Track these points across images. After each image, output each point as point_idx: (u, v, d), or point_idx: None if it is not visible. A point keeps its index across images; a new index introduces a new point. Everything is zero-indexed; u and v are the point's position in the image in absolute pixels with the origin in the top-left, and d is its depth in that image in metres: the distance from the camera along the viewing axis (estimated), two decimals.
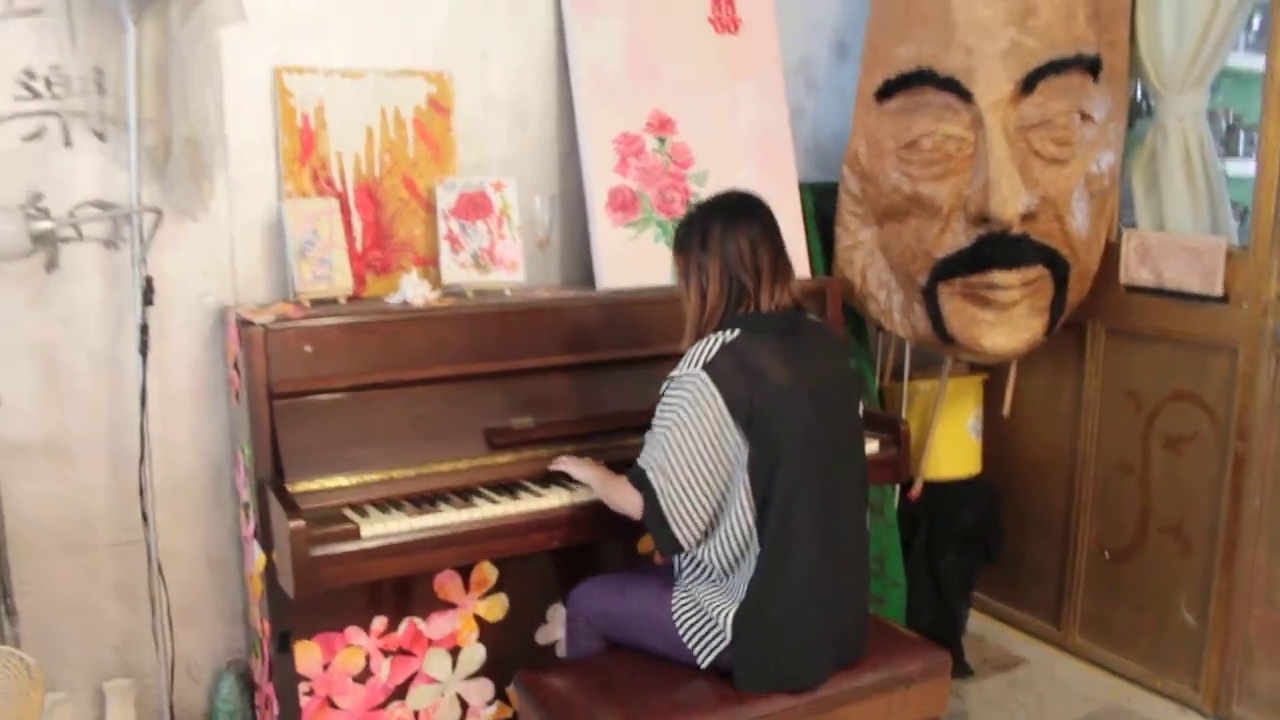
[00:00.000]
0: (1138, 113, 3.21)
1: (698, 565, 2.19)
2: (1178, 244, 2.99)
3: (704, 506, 2.08)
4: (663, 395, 2.12)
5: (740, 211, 2.19)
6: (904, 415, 3.33)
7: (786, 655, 2.08)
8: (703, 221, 2.19)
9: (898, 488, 3.32)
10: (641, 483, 2.12)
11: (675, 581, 2.24)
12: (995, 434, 3.47)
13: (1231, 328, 2.88)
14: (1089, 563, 3.34)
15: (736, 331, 2.09)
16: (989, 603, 3.65)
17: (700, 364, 2.05)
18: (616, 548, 2.73)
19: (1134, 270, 3.10)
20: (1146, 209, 3.15)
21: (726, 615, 2.09)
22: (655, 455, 2.10)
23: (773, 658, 2.08)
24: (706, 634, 2.11)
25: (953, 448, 3.35)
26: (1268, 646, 2.89)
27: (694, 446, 2.05)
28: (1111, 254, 3.13)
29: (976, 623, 3.58)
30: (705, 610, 2.13)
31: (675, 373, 2.11)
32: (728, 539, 2.10)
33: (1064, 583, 3.40)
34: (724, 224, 2.16)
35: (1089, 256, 3.03)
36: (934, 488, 3.33)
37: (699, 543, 2.13)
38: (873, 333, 3.37)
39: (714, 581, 2.16)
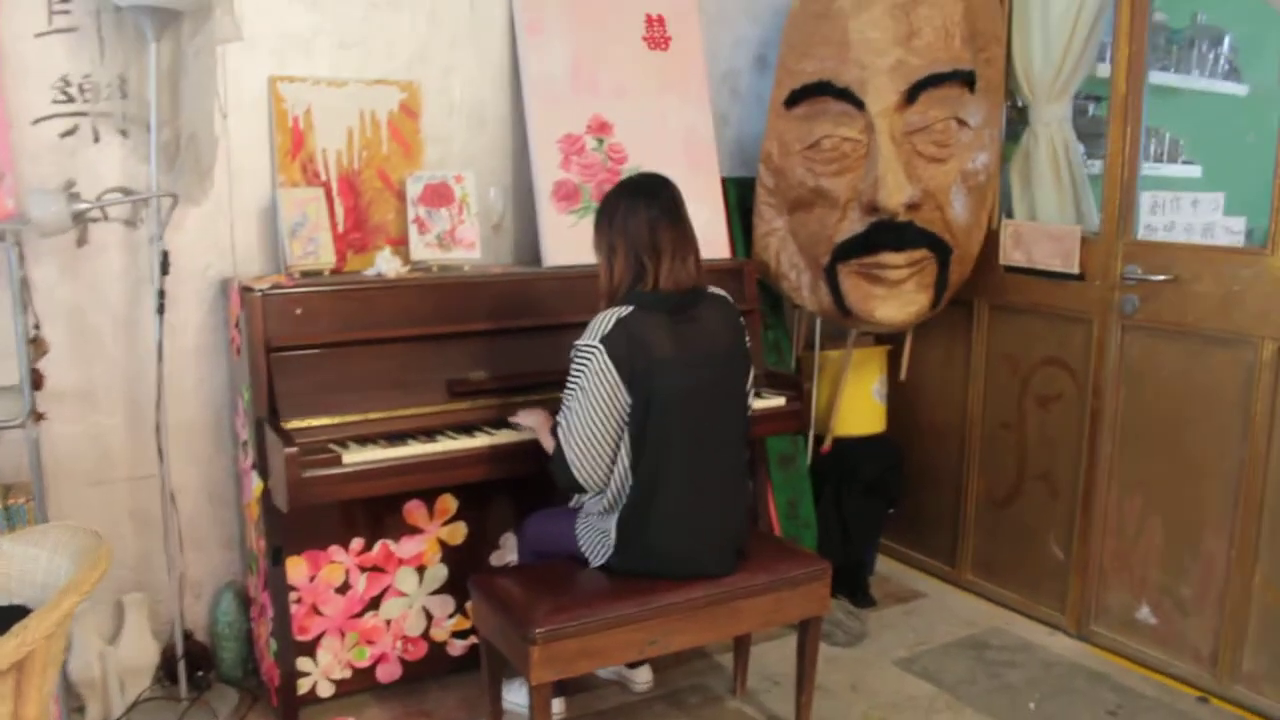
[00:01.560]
0: (1023, 120, 3.70)
1: (595, 499, 2.65)
2: (1044, 231, 3.48)
3: (602, 455, 2.53)
4: (571, 360, 2.53)
5: (641, 193, 2.57)
6: (815, 380, 3.81)
7: (658, 561, 2.57)
8: (612, 202, 2.60)
9: (811, 443, 3.80)
10: (556, 436, 2.58)
11: (580, 512, 2.71)
12: (899, 398, 3.96)
13: (1087, 302, 3.37)
14: (978, 508, 3.82)
15: (630, 308, 2.49)
16: (894, 547, 4.14)
17: (598, 337, 2.47)
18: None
19: (1010, 253, 3.59)
20: (1022, 201, 3.64)
21: (610, 533, 2.58)
22: (565, 418, 2.54)
23: (645, 561, 2.57)
24: (598, 545, 2.61)
25: (859, 409, 3.84)
26: (1118, 573, 3.37)
27: (592, 406, 2.49)
28: (993, 240, 3.62)
29: (884, 565, 4.07)
30: (597, 529, 2.62)
31: (579, 341, 2.51)
32: (615, 478, 2.56)
33: (957, 527, 3.88)
34: (628, 204, 2.56)
35: (969, 241, 3.51)
36: (842, 444, 3.82)
37: (603, 485, 2.58)
38: (788, 308, 3.85)
39: (603, 511, 2.63)
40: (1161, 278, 3.14)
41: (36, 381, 2.57)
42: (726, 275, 3.38)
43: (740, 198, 3.75)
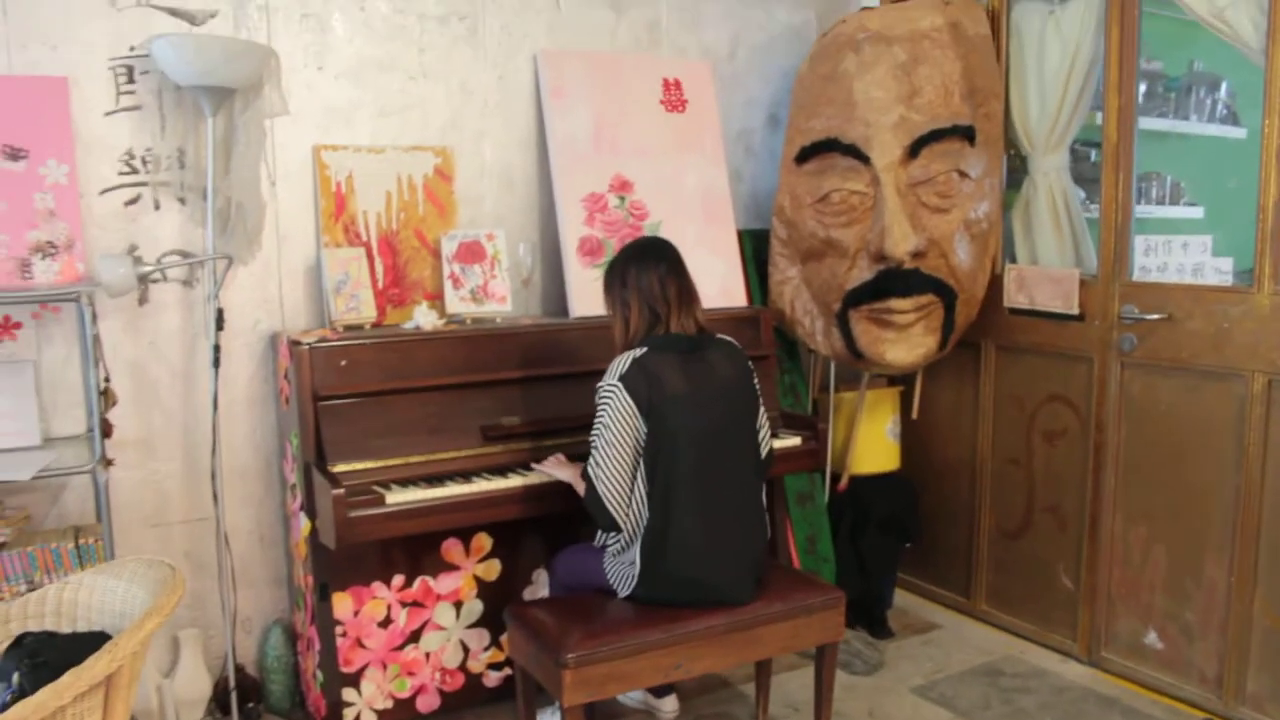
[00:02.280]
0: (1024, 170, 3.88)
1: (617, 535, 2.82)
2: (1045, 274, 3.66)
3: (628, 485, 2.72)
4: (596, 401, 2.75)
5: (650, 254, 2.84)
6: (831, 421, 3.99)
7: (677, 588, 2.74)
8: (622, 265, 2.84)
9: (828, 481, 3.97)
10: (587, 477, 2.77)
11: (606, 549, 2.88)
12: (912, 437, 4.13)
13: (1087, 341, 3.54)
14: (991, 542, 3.97)
15: (645, 349, 2.73)
16: (912, 580, 4.28)
17: (617, 376, 2.70)
18: (590, 525, 3.38)
19: (1014, 296, 3.76)
20: (1024, 246, 3.83)
21: (636, 563, 2.75)
22: (594, 455, 2.74)
23: (667, 588, 2.75)
24: (624, 576, 2.79)
25: (873, 448, 4.01)
26: (1126, 600, 3.51)
27: (617, 441, 2.69)
28: (997, 284, 3.80)
29: (902, 598, 4.22)
30: (623, 560, 2.80)
31: (601, 384, 2.73)
32: (633, 508, 2.74)
33: (971, 560, 4.03)
34: (638, 265, 2.81)
35: (973, 285, 3.70)
36: (858, 481, 3.99)
37: (626, 514, 2.76)
38: (803, 353, 4.04)
39: (625, 545, 2.80)
40: (1156, 316, 3.31)
41: (106, 430, 2.79)
42: (743, 323, 3.58)
43: (756, 249, 3.95)
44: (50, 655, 1.96)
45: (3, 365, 2.90)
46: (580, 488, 2.82)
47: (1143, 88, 4.19)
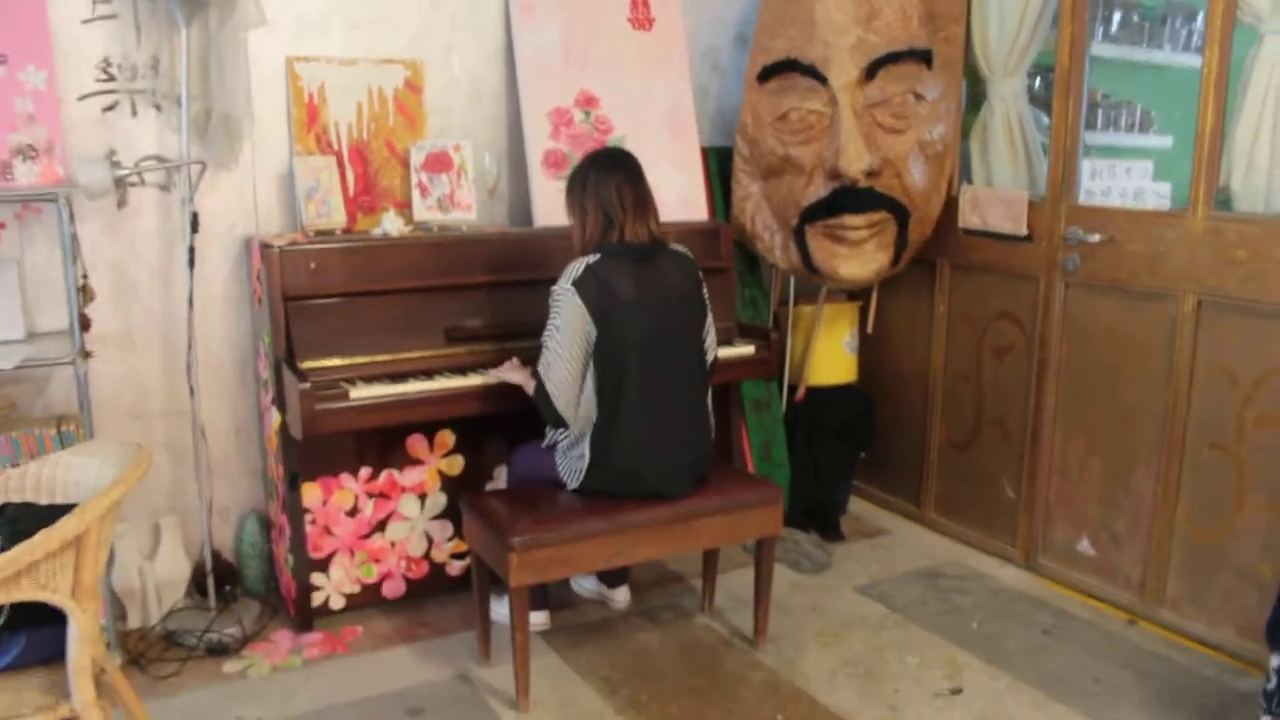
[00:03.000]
0: (983, 95, 3.98)
1: (565, 432, 3.00)
2: (997, 196, 3.78)
3: (576, 384, 2.89)
4: (550, 304, 2.90)
5: (609, 163, 2.97)
6: (790, 333, 4.15)
7: (621, 481, 2.92)
8: (584, 171, 2.98)
9: (785, 391, 4.13)
10: (537, 375, 2.94)
11: (555, 447, 3.06)
12: (868, 351, 4.29)
13: (1034, 261, 3.67)
14: (940, 453, 4.14)
15: (598, 256, 2.88)
16: (866, 489, 4.47)
17: (570, 280, 2.85)
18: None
19: (968, 217, 3.88)
20: (980, 169, 3.94)
21: (585, 456, 2.93)
22: (544, 354, 2.90)
23: (612, 481, 2.93)
24: (574, 470, 2.97)
25: (831, 360, 4.17)
26: (1062, 509, 3.68)
27: (567, 343, 2.85)
28: (953, 205, 3.92)
29: (856, 505, 4.41)
30: (572, 454, 2.97)
31: (555, 286, 2.88)
32: (583, 406, 2.91)
33: (922, 469, 4.20)
34: (597, 173, 2.94)
35: (927, 205, 3.82)
36: (816, 392, 4.15)
37: (575, 412, 2.93)
38: (764, 267, 4.17)
39: (574, 440, 2.98)
40: (1097, 238, 3.44)
41: (85, 324, 2.95)
42: (703, 235, 3.71)
43: (720, 165, 4.07)
44: (28, 523, 2.13)
45: None
46: (530, 387, 2.98)
47: (1118, 16, 4.27)
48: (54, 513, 2.15)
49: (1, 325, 3.02)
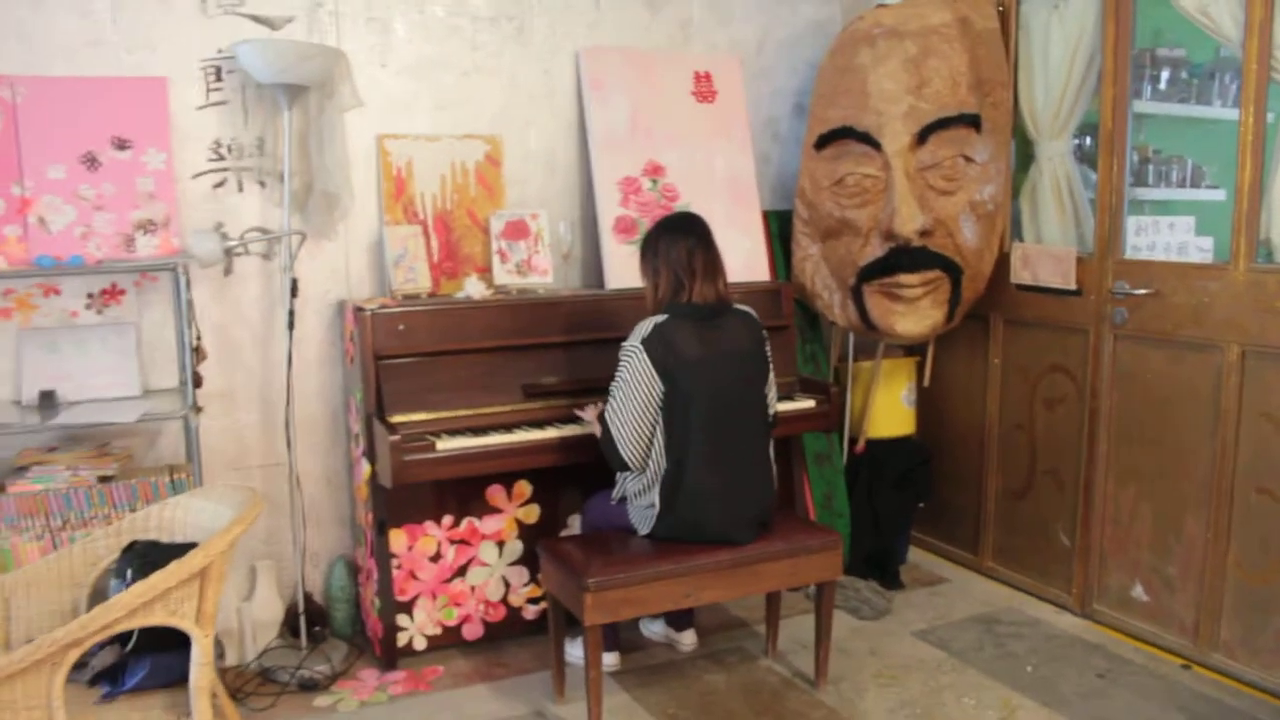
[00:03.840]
0: (1031, 155, 4.16)
1: (635, 480, 3.19)
2: (1047, 252, 3.94)
3: (641, 435, 3.09)
4: (619, 358, 3.11)
5: (680, 228, 3.19)
6: (850, 388, 4.32)
7: (689, 528, 3.11)
8: (656, 235, 3.20)
9: (845, 443, 4.30)
10: (603, 421, 3.15)
11: (624, 496, 3.26)
12: (926, 403, 4.44)
13: (1084, 314, 3.82)
14: (997, 502, 4.27)
15: (666, 316, 3.09)
16: (925, 539, 4.60)
17: (639, 339, 3.07)
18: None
19: (1019, 273, 4.05)
20: (1030, 226, 4.11)
21: (655, 505, 3.12)
22: (611, 404, 3.12)
23: (680, 528, 3.12)
24: (645, 517, 3.16)
25: (890, 413, 4.33)
26: (1115, 555, 3.79)
27: (633, 395, 3.06)
28: (1005, 262, 4.08)
29: (915, 554, 4.53)
30: (643, 503, 3.16)
31: (625, 343, 3.10)
32: (653, 458, 3.11)
33: (979, 519, 4.33)
34: (669, 237, 3.17)
35: (979, 262, 3.99)
36: (875, 444, 4.31)
37: (643, 464, 3.13)
38: (824, 324, 4.36)
39: (644, 489, 3.17)
40: (1144, 291, 3.58)
41: (198, 382, 3.23)
42: (765, 295, 3.92)
43: (781, 228, 4.29)
44: (155, 556, 2.39)
45: (110, 326, 3.36)
46: (598, 430, 3.19)
47: (1166, 74, 4.41)
48: (176, 549, 2.41)
49: (122, 383, 3.32)
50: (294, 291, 3.46)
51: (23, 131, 3.16)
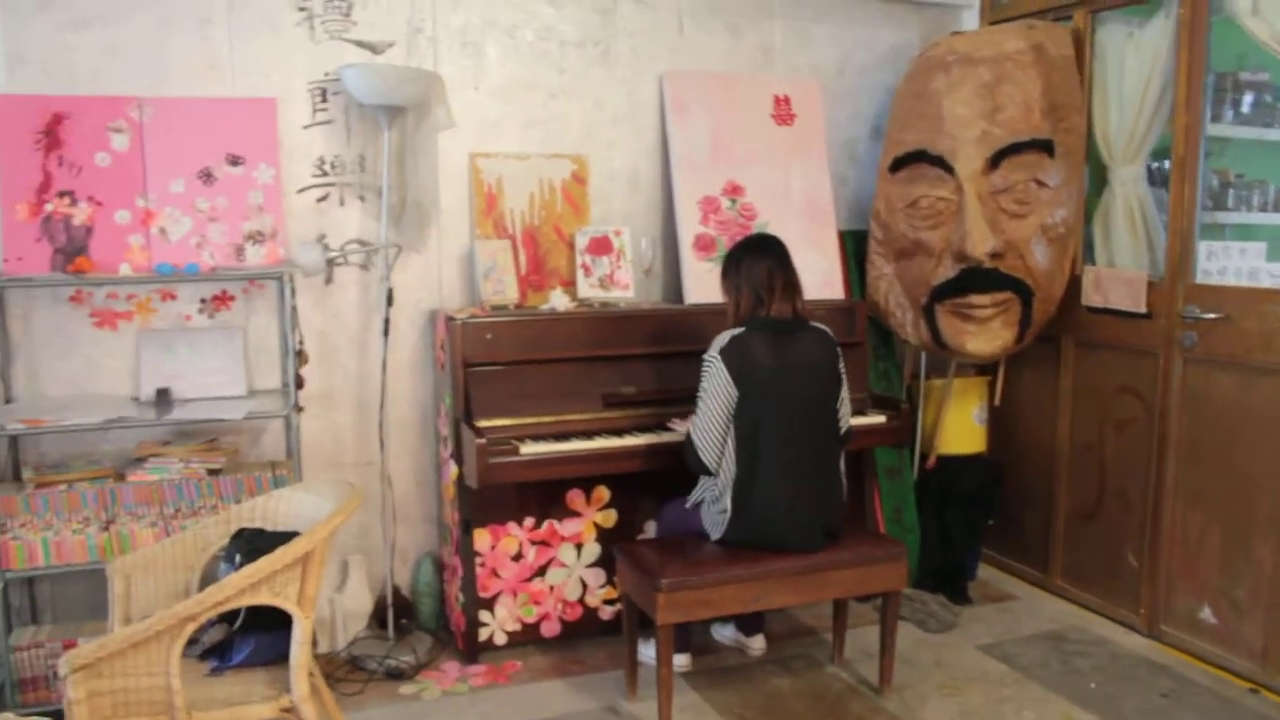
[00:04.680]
0: (1104, 180, 4.21)
1: (710, 486, 3.33)
2: (1118, 276, 4.00)
3: (716, 441, 3.23)
4: (701, 370, 3.26)
5: (760, 248, 3.34)
6: (922, 405, 4.41)
7: (759, 534, 3.23)
8: (738, 254, 3.36)
9: (916, 459, 4.39)
10: (688, 428, 3.30)
11: (700, 502, 3.40)
12: (999, 423, 4.51)
13: (1154, 337, 3.87)
14: (1066, 522, 4.32)
15: (743, 329, 3.24)
16: (995, 556, 4.65)
17: (717, 350, 3.22)
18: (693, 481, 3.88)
19: (1091, 296, 4.11)
20: (1103, 250, 4.16)
21: (727, 510, 3.25)
22: (696, 414, 3.27)
23: (751, 534, 3.24)
24: (717, 523, 3.29)
25: (961, 430, 4.40)
26: (1183, 578, 3.82)
27: (713, 404, 3.21)
28: (1076, 284, 4.15)
29: (985, 571, 4.59)
30: (716, 508, 3.29)
31: (705, 354, 3.26)
32: (725, 464, 3.24)
33: (1048, 538, 4.38)
34: (751, 256, 3.32)
35: (1051, 285, 4.05)
36: (946, 460, 4.38)
37: (718, 466, 3.27)
38: (897, 342, 4.46)
39: (717, 495, 3.30)
40: (1214, 316, 3.63)
41: (299, 383, 3.45)
42: (840, 313, 4.03)
43: (856, 247, 4.40)
44: (261, 543, 2.59)
45: (220, 330, 3.60)
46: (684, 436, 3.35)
47: (1249, 98, 4.44)
48: (280, 537, 2.60)
49: (230, 383, 3.55)
50: (390, 300, 3.67)
51: (148, 148, 3.42)
